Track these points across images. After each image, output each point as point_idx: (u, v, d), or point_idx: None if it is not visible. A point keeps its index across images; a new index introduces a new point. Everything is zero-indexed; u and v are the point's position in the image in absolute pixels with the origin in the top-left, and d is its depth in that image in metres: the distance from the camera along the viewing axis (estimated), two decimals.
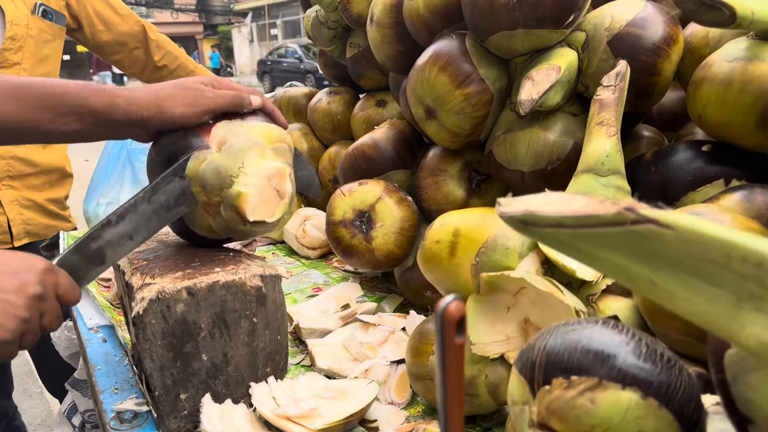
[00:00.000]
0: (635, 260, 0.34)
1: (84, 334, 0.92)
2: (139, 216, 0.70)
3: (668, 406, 0.40)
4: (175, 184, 0.71)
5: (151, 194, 0.70)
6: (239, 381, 0.71)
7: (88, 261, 0.67)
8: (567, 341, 0.43)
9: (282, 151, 0.76)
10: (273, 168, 0.72)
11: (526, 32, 0.76)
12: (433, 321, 0.71)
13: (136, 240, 0.70)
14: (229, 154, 0.71)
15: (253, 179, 0.70)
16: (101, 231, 0.68)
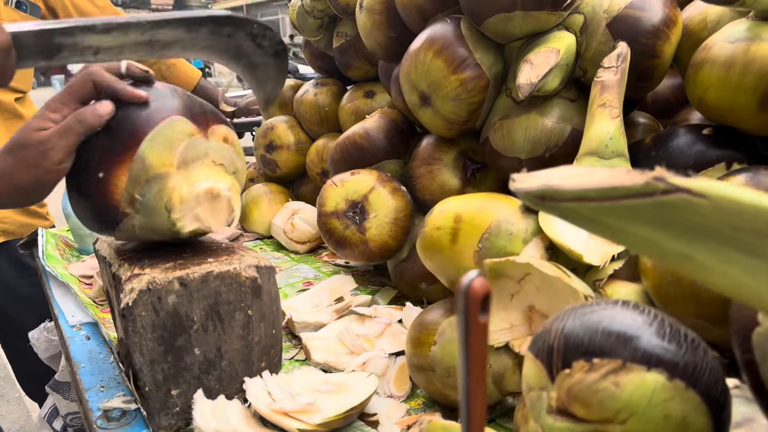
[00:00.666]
0: (666, 233, 0.32)
1: (66, 331, 0.88)
2: (123, 38, 0.60)
3: (695, 387, 0.38)
4: (178, 32, 0.63)
5: (150, 27, 0.61)
6: (233, 376, 0.68)
7: (42, 50, 0.58)
8: (586, 323, 0.42)
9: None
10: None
11: (524, 14, 0.74)
12: (434, 311, 0.69)
13: (98, 57, 0.60)
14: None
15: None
16: (77, 30, 0.58)
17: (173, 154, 0.64)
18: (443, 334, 0.65)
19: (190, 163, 0.65)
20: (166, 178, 0.64)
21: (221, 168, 0.68)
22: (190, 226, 0.67)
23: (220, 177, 0.68)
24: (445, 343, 0.64)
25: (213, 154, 0.67)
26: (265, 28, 0.67)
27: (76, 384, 0.76)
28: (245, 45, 0.66)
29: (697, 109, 0.74)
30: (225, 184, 0.68)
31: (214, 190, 0.66)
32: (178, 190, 0.64)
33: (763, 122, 0.68)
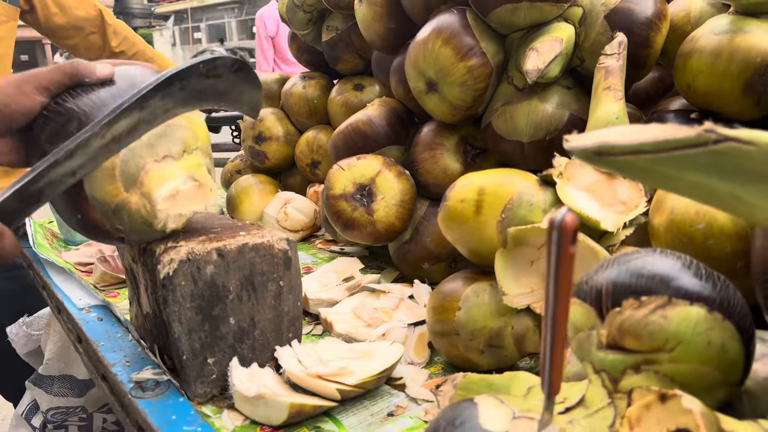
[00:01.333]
0: (717, 178, 0.37)
1: (76, 314, 0.88)
2: (90, 152, 0.61)
3: (731, 318, 0.44)
4: (134, 116, 0.63)
5: (107, 128, 0.61)
6: (265, 345, 0.71)
7: (26, 203, 0.59)
8: (631, 268, 0.47)
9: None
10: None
11: (530, 5, 0.80)
12: (453, 281, 0.73)
13: (77, 176, 0.62)
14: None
15: None
16: (46, 172, 0.59)
17: (115, 182, 0.64)
18: (467, 300, 0.69)
19: (135, 179, 0.65)
20: (125, 204, 0.65)
21: (168, 160, 0.67)
22: (176, 222, 0.68)
23: (172, 173, 0.67)
24: (469, 308, 0.69)
25: (151, 152, 0.66)
26: (214, 59, 0.68)
27: (98, 361, 0.77)
28: (204, 85, 0.67)
29: (684, 95, 0.81)
30: (180, 178, 0.67)
31: (172, 191, 0.66)
32: (143, 207, 0.65)
33: (744, 106, 0.75)
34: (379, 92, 1.27)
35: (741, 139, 0.34)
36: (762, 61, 0.71)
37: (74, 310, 0.90)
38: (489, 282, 0.70)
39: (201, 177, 0.69)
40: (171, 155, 0.67)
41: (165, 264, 0.64)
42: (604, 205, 0.68)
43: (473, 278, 0.71)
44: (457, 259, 0.99)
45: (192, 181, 0.68)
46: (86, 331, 0.83)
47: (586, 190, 0.69)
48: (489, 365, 0.71)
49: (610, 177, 0.70)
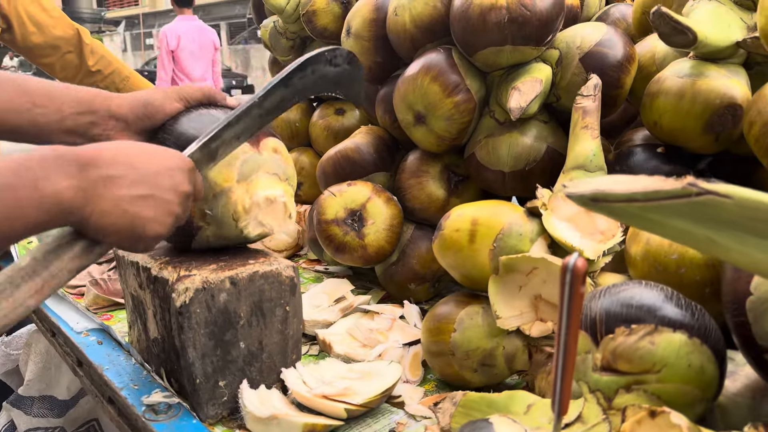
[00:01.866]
0: (698, 224, 0.44)
1: (75, 338, 0.90)
2: (250, 119, 0.72)
3: (707, 343, 0.51)
4: (280, 92, 0.74)
5: (263, 100, 0.73)
6: (272, 367, 0.75)
7: (207, 157, 0.69)
8: (621, 299, 0.53)
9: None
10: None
11: (513, 48, 0.87)
12: (446, 305, 0.78)
13: (241, 140, 0.72)
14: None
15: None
16: (222, 131, 0.70)
17: (232, 171, 0.73)
18: (462, 322, 0.75)
19: (248, 176, 0.74)
20: (230, 192, 0.73)
21: (275, 177, 0.76)
22: (256, 230, 0.74)
23: (275, 185, 0.75)
24: (464, 330, 0.74)
25: (266, 165, 0.75)
26: (334, 49, 0.80)
27: (104, 385, 0.79)
28: (327, 71, 0.78)
29: (651, 131, 0.89)
30: (280, 191, 0.75)
31: (271, 197, 0.74)
32: (241, 201, 0.73)
33: (705, 143, 0.84)
34: (360, 117, 1.32)
35: (719, 193, 0.41)
36: (720, 103, 0.79)
37: (72, 333, 0.91)
38: (480, 305, 0.76)
39: (291, 203, 0.77)
40: (277, 174, 0.77)
41: (180, 292, 0.68)
42: (584, 234, 0.74)
43: (465, 302, 0.77)
44: (440, 280, 1.05)
45: (282, 199, 0.76)
46: (88, 354, 0.85)
47: (568, 220, 0.76)
48: (480, 382, 0.76)
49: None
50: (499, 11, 0.84)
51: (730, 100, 0.79)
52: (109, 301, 1.02)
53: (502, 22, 0.84)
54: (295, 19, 1.28)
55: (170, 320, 0.70)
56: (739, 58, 0.84)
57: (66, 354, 0.93)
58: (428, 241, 1.01)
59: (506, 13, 0.84)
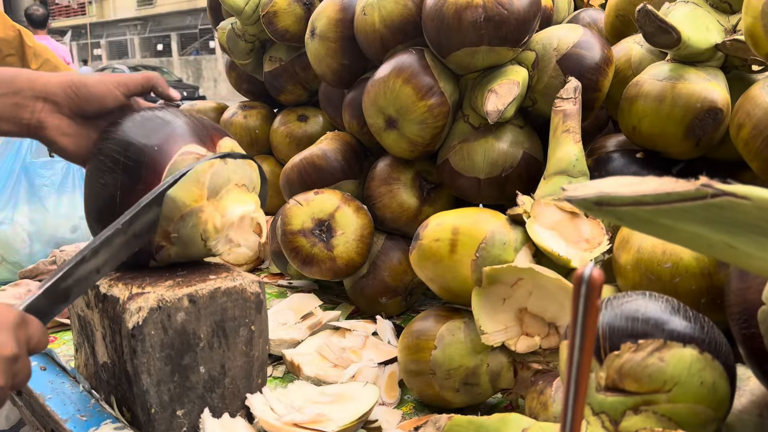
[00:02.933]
0: (714, 229, 0.40)
1: None
2: (113, 249, 0.62)
3: (719, 358, 0.47)
4: (152, 213, 0.64)
5: (129, 225, 0.62)
6: (235, 393, 0.68)
7: (55, 301, 0.59)
8: (625, 312, 0.49)
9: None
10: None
11: (489, 49, 0.83)
12: (426, 320, 0.73)
13: (102, 272, 0.62)
14: None
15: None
16: (74, 270, 0.59)
17: (202, 188, 0.65)
18: (442, 339, 0.70)
19: (218, 192, 0.67)
20: (199, 212, 0.65)
21: (244, 189, 0.69)
22: (224, 247, 0.69)
23: (246, 199, 0.69)
24: (445, 347, 0.69)
25: (235, 176, 0.68)
26: (224, 155, 0.69)
27: (47, 416, 0.71)
28: None
29: (629, 136, 0.87)
30: (252, 205, 0.69)
31: (245, 215, 0.67)
32: (211, 221, 0.66)
33: (686, 147, 0.81)
34: (323, 123, 1.27)
35: (737, 194, 0.37)
36: (701, 107, 0.77)
37: None
38: (462, 320, 0.71)
39: (262, 217, 0.71)
40: (246, 185, 0.70)
41: (133, 312, 0.61)
42: (569, 242, 0.71)
43: (446, 316, 0.72)
44: (413, 293, 1.00)
45: (256, 214, 0.70)
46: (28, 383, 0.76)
47: (552, 228, 0.72)
48: (462, 403, 0.71)
49: (574, 216, 0.73)
50: (475, 10, 0.80)
51: (711, 103, 0.77)
52: (53, 321, 0.93)
53: (478, 21, 0.80)
54: (255, 20, 1.22)
55: (121, 343, 0.63)
56: (717, 61, 0.82)
57: None
58: (400, 252, 0.96)
59: (482, 11, 0.80)
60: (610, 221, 0.73)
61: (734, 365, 0.49)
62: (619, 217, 0.42)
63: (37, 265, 1.10)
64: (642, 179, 0.41)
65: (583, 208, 0.41)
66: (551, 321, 0.66)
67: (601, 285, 0.38)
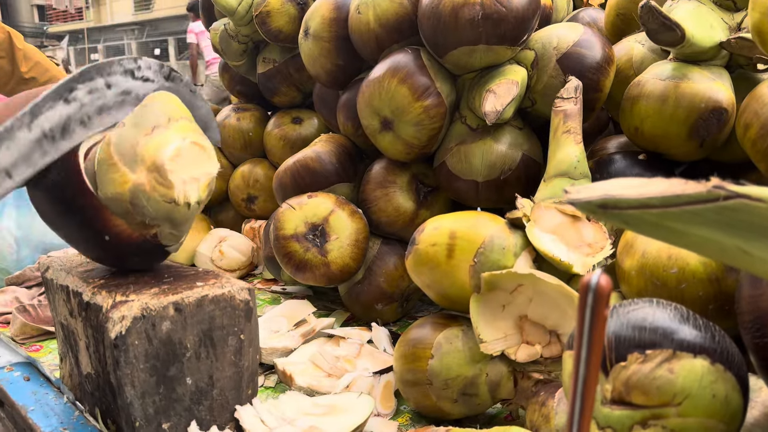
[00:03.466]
0: (727, 233, 0.37)
1: None
2: (19, 146, 0.55)
3: (731, 369, 0.44)
4: (58, 111, 0.58)
5: (31, 118, 0.56)
6: (224, 405, 0.65)
7: None
8: (632, 320, 0.46)
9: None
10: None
11: (487, 48, 0.80)
12: (422, 328, 0.71)
13: (15, 179, 0.55)
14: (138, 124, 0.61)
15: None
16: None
17: (119, 169, 0.60)
18: (440, 347, 0.67)
19: (136, 156, 0.59)
20: (139, 186, 0.59)
21: (160, 130, 0.61)
22: (197, 190, 0.61)
23: (166, 138, 0.60)
24: (442, 356, 0.67)
25: (137, 134, 0.60)
26: (135, 58, 0.65)
27: (28, 429, 0.68)
28: (131, 86, 0.64)
29: (631, 137, 0.84)
30: (177, 140, 0.61)
31: (175, 150, 0.60)
32: (156, 182, 0.59)
33: (690, 149, 0.79)
34: (318, 126, 1.24)
35: (751, 196, 0.34)
36: (705, 107, 0.75)
37: None
38: (460, 327, 0.68)
39: (198, 139, 0.63)
40: (159, 125, 0.61)
41: (116, 321, 0.58)
42: (571, 247, 0.68)
43: (443, 324, 0.70)
44: (409, 299, 0.97)
45: (190, 141, 0.62)
46: (10, 393, 0.73)
47: (552, 232, 0.69)
48: (460, 414, 0.69)
49: (575, 219, 0.70)
50: (472, 7, 0.77)
51: (716, 103, 0.75)
52: (39, 330, 0.91)
53: (475, 19, 0.78)
54: (248, 21, 1.20)
55: (105, 353, 0.60)
56: (721, 60, 0.80)
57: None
58: (396, 257, 0.94)
59: (480, 9, 0.77)
60: (614, 225, 0.70)
61: (747, 377, 0.46)
62: (625, 220, 0.39)
63: (24, 272, 1.07)
64: (649, 181, 0.38)
65: (587, 212, 0.38)
66: (553, 329, 0.64)
67: (609, 293, 0.35)
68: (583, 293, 0.35)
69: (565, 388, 0.51)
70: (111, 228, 0.62)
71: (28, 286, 1.05)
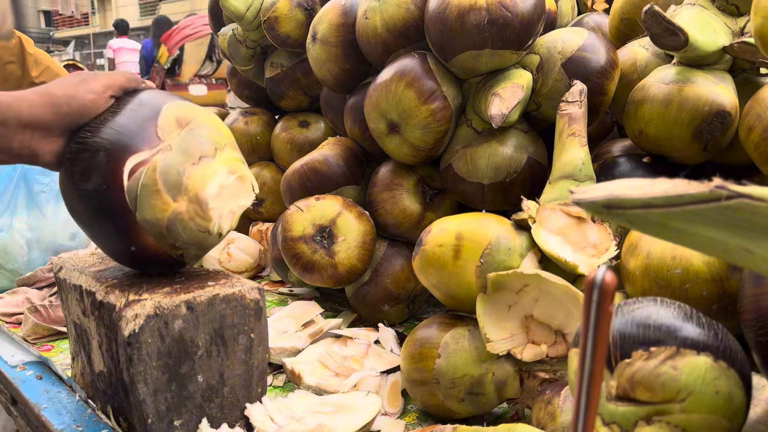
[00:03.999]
0: (730, 232, 0.38)
1: (9, 373, 0.80)
2: None
3: (734, 366, 0.45)
4: None
5: None
6: (234, 403, 0.66)
7: None
8: (636, 318, 0.47)
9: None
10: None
11: (493, 52, 0.81)
12: (429, 327, 0.72)
13: None
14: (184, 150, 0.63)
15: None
16: None
17: (162, 197, 0.61)
18: (446, 347, 0.68)
19: (180, 186, 0.62)
20: (178, 215, 0.62)
21: (206, 161, 0.64)
22: (229, 221, 0.65)
23: (212, 171, 0.63)
24: (449, 355, 0.68)
25: (184, 161, 0.62)
26: None
27: (41, 426, 0.69)
28: None
29: (635, 140, 0.85)
30: (221, 174, 0.64)
31: (218, 187, 0.63)
32: (195, 214, 0.62)
33: (693, 152, 0.80)
34: (325, 129, 1.25)
35: (753, 196, 0.35)
36: (709, 110, 0.76)
37: (6, 368, 0.81)
38: (466, 327, 0.69)
39: (239, 169, 0.66)
40: (205, 155, 0.64)
41: (129, 320, 0.59)
42: (576, 248, 0.69)
43: (450, 324, 0.70)
44: (416, 300, 0.98)
45: (232, 174, 0.65)
46: (23, 392, 0.75)
47: (558, 233, 0.70)
48: (467, 413, 0.70)
49: (580, 221, 0.71)
50: (478, 12, 0.79)
51: (720, 106, 0.75)
52: (50, 330, 0.92)
53: (481, 24, 0.79)
54: (256, 26, 1.21)
55: (118, 351, 0.61)
56: (724, 65, 0.81)
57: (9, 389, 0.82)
58: (402, 259, 0.95)
59: (486, 14, 0.79)
60: (618, 226, 0.71)
61: (750, 374, 0.47)
62: (629, 220, 0.40)
63: (35, 273, 1.08)
64: (653, 181, 0.39)
65: (592, 211, 0.39)
66: (558, 329, 0.65)
67: (614, 289, 0.36)
68: (588, 289, 0.36)
69: (571, 385, 0.52)
70: (140, 242, 0.63)
71: (39, 287, 1.06)
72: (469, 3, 0.79)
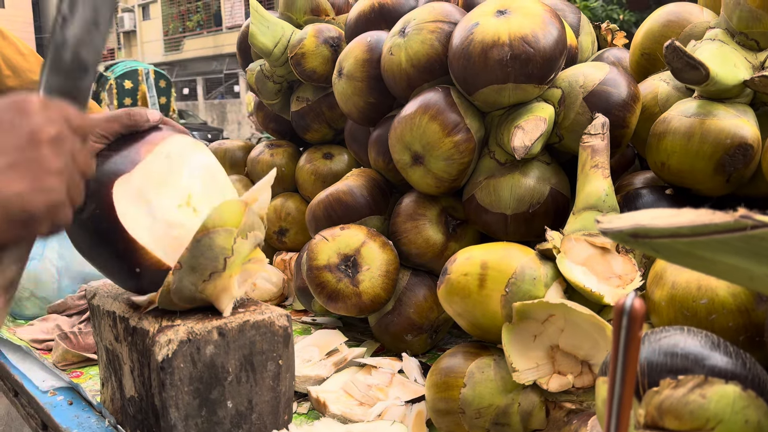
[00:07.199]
0: (755, 261, 0.39)
1: (40, 398, 0.81)
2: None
3: (763, 396, 0.45)
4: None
5: None
6: (262, 429, 0.67)
7: (71, 76, 0.53)
8: (663, 347, 0.48)
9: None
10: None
11: (515, 86, 0.83)
12: (454, 357, 0.72)
13: (103, 27, 0.56)
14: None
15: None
16: (63, 33, 0.53)
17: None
18: (472, 376, 0.69)
19: (195, 300, 0.66)
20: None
21: (215, 277, 0.66)
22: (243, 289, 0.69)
23: (223, 286, 0.66)
24: (474, 384, 0.68)
25: (197, 280, 0.65)
26: None
27: None
28: None
29: (657, 172, 0.86)
30: (233, 287, 0.67)
31: (231, 302, 0.67)
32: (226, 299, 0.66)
33: (716, 184, 0.80)
34: (348, 161, 1.28)
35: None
36: (731, 143, 0.77)
37: (37, 393, 0.83)
38: (492, 357, 0.70)
39: (254, 254, 0.70)
40: (216, 271, 0.64)
41: (162, 345, 0.61)
42: (601, 279, 0.70)
43: (475, 353, 0.71)
44: (438, 330, 0.99)
45: (244, 282, 0.69)
46: (54, 416, 0.76)
47: (583, 264, 0.71)
48: None
49: (605, 251, 0.72)
50: (501, 48, 0.81)
51: (741, 139, 0.76)
52: (80, 356, 0.94)
53: (504, 59, 0.81)
54: (283, 62, 1.25)
55: (150, 376, 0.63)
56: (745, 98, 0.82)
57: (29, 416, 0.84)
58: (425, 289, 0.96)
59: (509, 50, 0.81)
60: (642, 256, 0.72)
61: None
62: (655, 249, 0.41)
63: (65, 300, 1.11)
64: (678, 211, 0.40)
65: (619, 240, 0.40)
66: (584, 359, 0.65)
67: (644, 315, 0.37)
68: (617, 316, 0.37)
69: (599, 414, 0.52)
70: (143, 262, 0.65)
71: (68, 314, 1.09)
72: (492, 39, 0.81)
